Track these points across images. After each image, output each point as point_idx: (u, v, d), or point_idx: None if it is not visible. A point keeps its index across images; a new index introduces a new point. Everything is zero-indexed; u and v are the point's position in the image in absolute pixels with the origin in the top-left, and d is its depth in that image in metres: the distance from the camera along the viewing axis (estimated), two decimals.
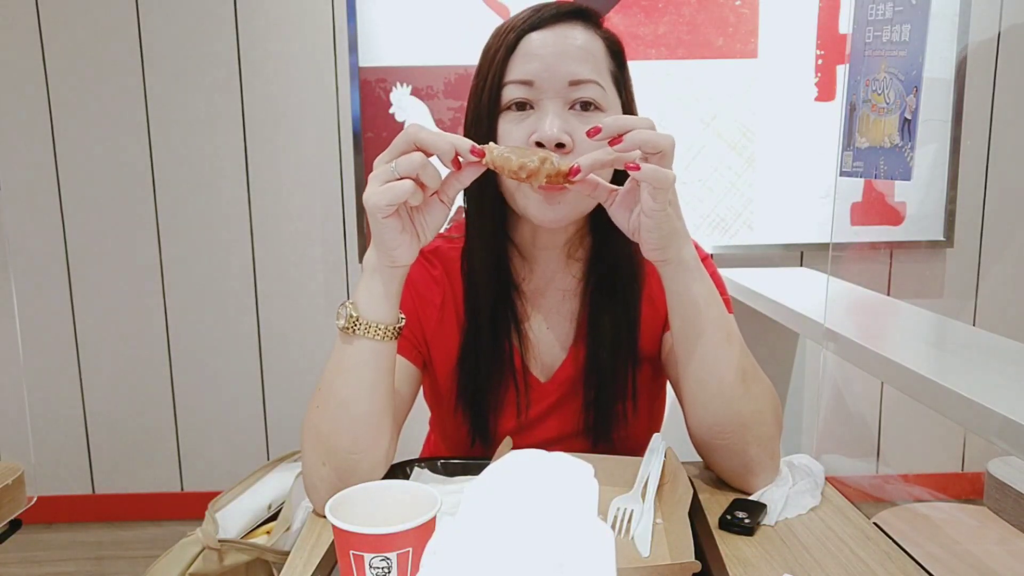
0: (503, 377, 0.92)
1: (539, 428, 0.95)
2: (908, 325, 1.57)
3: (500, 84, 0.82)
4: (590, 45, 0.82)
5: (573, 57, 0.80)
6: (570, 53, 0.80)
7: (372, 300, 0.77)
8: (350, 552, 0.57)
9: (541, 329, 0.94)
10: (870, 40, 1.22)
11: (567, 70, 0.80)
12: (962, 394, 0.98)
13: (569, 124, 0.80)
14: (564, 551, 0.54)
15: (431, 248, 0.96)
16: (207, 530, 0.96)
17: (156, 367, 2.37)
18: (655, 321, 0.93)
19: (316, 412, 0.82)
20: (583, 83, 0.80)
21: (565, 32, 0.81)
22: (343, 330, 0.78)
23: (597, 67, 0.82)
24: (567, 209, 0.82)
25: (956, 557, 1.14)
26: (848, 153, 1.32)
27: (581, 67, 0.80)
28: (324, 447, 0.80)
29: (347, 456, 0.79)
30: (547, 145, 0.79)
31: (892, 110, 1.20)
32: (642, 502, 0.78)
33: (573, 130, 0.80)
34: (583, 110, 0.81)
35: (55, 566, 2.17)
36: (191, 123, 2.26)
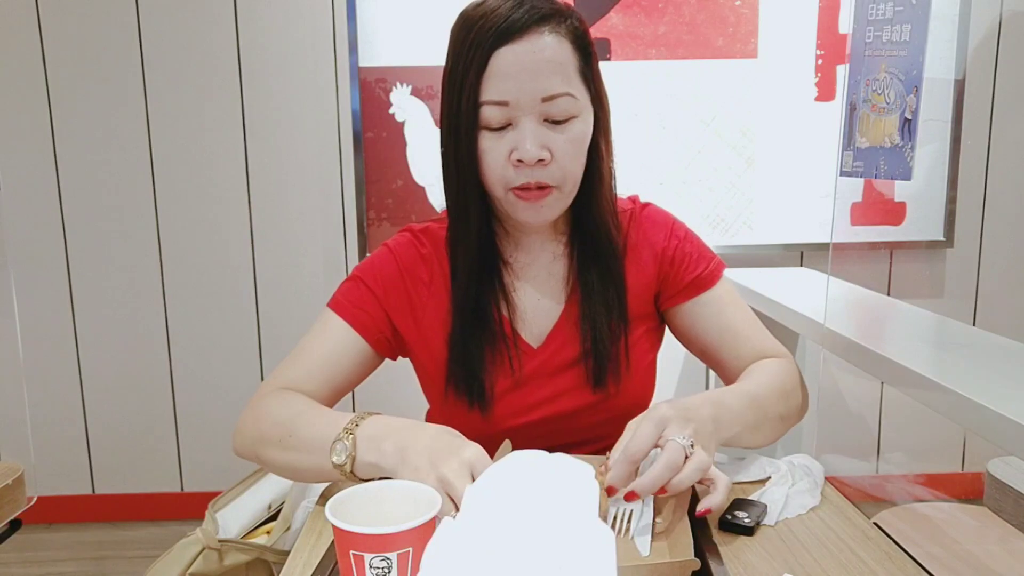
0: (494, 342, 0.94)
1: (536, 386, 0.96)
2: (908, 325, 1.57)
3: (476, 104, 0.84)
4: (558, 54, 0.83)
5: (544, 72, 0.82)
6: (540, 69, 0.82)
7: (372, 462, 0.77)
8: (350, 552, 0.57)
9: (531, 298, 0.97)
10: (870, 40, 1.22)
11: (539, 87, 0.82)
12: (962, 394, 0.98)
13: (546, 138, 0.84)
14: (564, 552, 0.54)
15: (421, 227, 1.00)
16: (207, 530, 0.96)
17: (156, 367, 2.37)
18: (643, 284, 0.98)
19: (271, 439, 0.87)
20: (555, 97, 0.83)
21: (533, 44, 0.82)
22: (337, 466, 0.78)
23: (567, 75, 0.84)
24: (550, 211, 0.89)
25: (956, 557, 1.14)
26: (848, 153, 1.32)
27: (551, 81, 0.82)
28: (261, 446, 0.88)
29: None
30: (528, 163, 0.84)
31: (892, 110, 1.20)
32: (641, 502, 0.78)
33: (550, 143, 0.84)
34: (557, 123, 0.85)
35: (55, 566, 2.17)
36: (191, 123, 2.26)
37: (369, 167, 2.24)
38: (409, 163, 2.24)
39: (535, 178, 0.85)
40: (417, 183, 2.25)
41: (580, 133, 0.86)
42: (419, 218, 2.26)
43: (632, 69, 2.19)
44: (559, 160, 0.85)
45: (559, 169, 0.86)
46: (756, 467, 0.91)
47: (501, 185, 0.87)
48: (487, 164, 0.87)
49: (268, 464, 0.88)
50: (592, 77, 0.88)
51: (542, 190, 0.86)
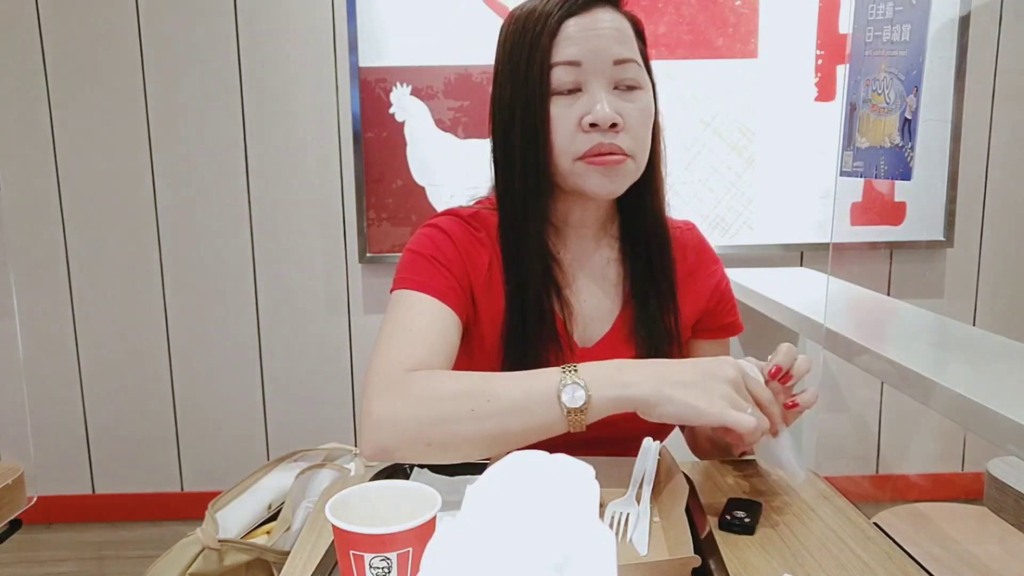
0: (548, 341, 0.90)
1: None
2: (908, 325, 1.57)
3: (548, 66, 0.84)
4: (623, 26, 0.86)
5: (613, 39, 0.84)
6: (610, 35, 0.84)
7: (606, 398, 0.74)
8: (350, 552, 0.57)
9: (585, 300, 0.94)
10: (870, 40, 1.22)
11: (611, 50, 0.83)
12: (962, 394, 0.98)
13: (618, 105, 0.84)
14: (565, 552, 0.54)
15: (470, 213, 0.95)
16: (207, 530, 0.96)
17: (156, 367, 2.37)
18: (694, 308, 0.98)
19: (466, 409, 0.75)
20: (626, 62, 0.84)
21: (600, 16, 0.84)
22: (572, 411, 0.74)
23: (632, 47, 0.86)
24: (623, 181, 0.87)
25: (956, 557, 1.14)
26: (848, 153, 1.32)
27: (622, 47, 0.84)
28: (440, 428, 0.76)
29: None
30: (602, 126, 0.83)
31: (892, 110, 1.20)
32: (637, 505, 0.78)
33: (622, 110, 0.84)
34: (628, 90, 0.85)
35: (55, 566, 2.17)
36: (191, 123, 2.26)
37: (369, 167, 2.24)
38: (409, 163, 2.24)
39: (609, 141, 0.83)
40: (417, 183, 2.25)
41: (647, 105, 0.87)
42: (419, 218, 2.26)
43: None
44: (630, 128, 0.84)
45: (630, 137, 0.85)
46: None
47: (570, 155, 0.85)
48: (557, 131, 0.85)
49: (455, 444, 0.75)
50: (648, 64, 0.90)
51: (619, 155, 0.84)
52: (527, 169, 0.86)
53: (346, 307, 2.35)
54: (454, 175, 2.25)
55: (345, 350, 2.35)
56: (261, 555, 0.96)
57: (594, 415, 0.74)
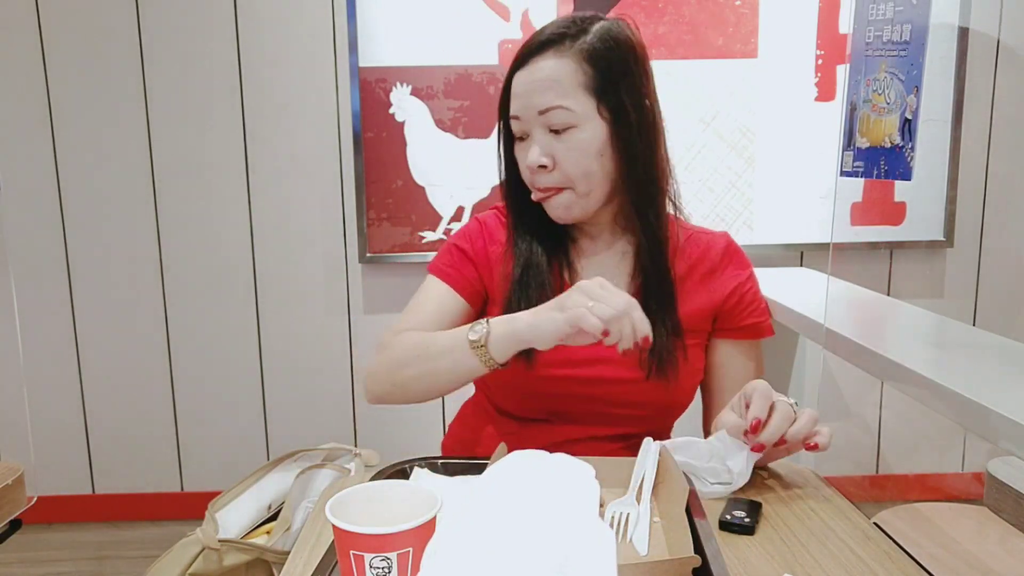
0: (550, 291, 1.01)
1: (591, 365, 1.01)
2: (908, 325, 1.57)
3: (507, 119, 1.00)
4: (555, 73, 0.94)
5: (539, 89, 0.94)
6: (539, 86, 0.95)
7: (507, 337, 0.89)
8: (350, 552, 0.57)
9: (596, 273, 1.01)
10: (870, 40, 1.22)
11: (535, 103, 0.95)
12: (962, 394, 0.98)
13: (550, 147, 0.96)
14: (565, 551, 0.54)
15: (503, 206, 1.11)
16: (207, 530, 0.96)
17: (156, 367, 2.37)
18: (710, 304, 1.05)
19: (402, 360, 0.96)
20: (550, 110, 0.94)
21: (536, 67, 0.95)
22: (472, 343, 0.89)
23: (562, 91, 0.94)
24: (568, 210, 0.99)
25: (956, 557, 1.14)
26: (848, 153, 1.32)
27: (545, 97, 0.94)
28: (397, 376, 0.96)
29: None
30: (531, 168, 0.97)
31: (892, 110, 1.20)
32: (637, 505, 0.78)
33: (553, 150, 0.96)
34: (557, 132, 0.96)
35: (55, 566, 2.17)
36: (191, 123, 2.26)
37: (369, 167, 2.24)
38: (409, 163, 2.24)
39: (540, 183, 0.98)
40: (417, 183, 2.25)
41: (579, 141, 0.95)
42: (419, 218, 2.26)
43: None
44: (561, 165, 0.96)
45: (561, 173, 0.96)
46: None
47: (531, 187, 1.00)
48: (521, 170, 1.01)
49: (406, 383, 0.95)
50: (608, 89, 0.95)
51: (553, 190, 0.98)
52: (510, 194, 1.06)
53: (346, 307, 2.35)
54: (454, 175, 2.25)
55: (345, 350, 2.35)
56: (261, 555, 0.96)
57: (495, 348, 0.88)
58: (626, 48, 0.96)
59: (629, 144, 0.96)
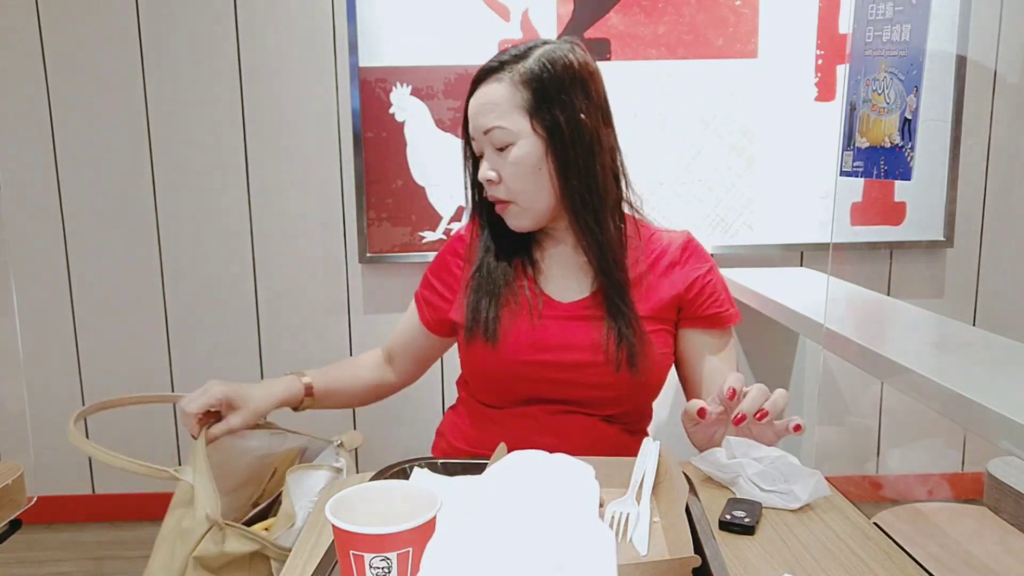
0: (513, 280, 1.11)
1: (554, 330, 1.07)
2: (908, 325, 1.57)
3: (469, 139, 1.11)
4: (494, 96, 1.04)
5: (482, 112, 1.05)
6: (481, 109, 1.05)
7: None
8: (350, 552, 0.57)
9: (559, 270, 1.12)
10: (870, 40, 1.22)
11: (480, 124, 1.05)
12: (962, 394, 0.98)
13: (496, 163, 1.06)
14: (565, 551, 0.54)
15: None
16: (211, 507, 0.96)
17: (156, 367, 2.37)
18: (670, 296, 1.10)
19: None
20: (490, 130, 1.04)
21: (481, 92, 1.06)
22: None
23: (501, 112, 1.03)
24: (518, 220, 1.08)
25: (956, 557, 1.14)
26: (848, 153, 1.32)
27: (486, 118, 1.04)
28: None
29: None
30: (484, 183, 1.07)
31: (892, 110, 1.20)
32: (637, 504, 0.78)
33: (498, 167, 1.06)
34: (500, 150, 1.05)
35: (55, 566, 2.17)
36: (191, 123, 2.26)
37: (369, 167, 2.24)
38: (409, 163, 2.24)
39: (491, 194, 1.08)
40: (417, 183, 2.25)
41: (516, 157, 1.04)
42: (419, 218, 2.26)
43: (632, 69, 2.19)
44: (505, 180, 1.06)
45: (505, 187, 1.06)
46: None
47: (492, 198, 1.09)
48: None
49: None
50: (542, 108, 1.02)
51: (502, 203, 1.08)
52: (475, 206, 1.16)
53: (346, 307, 2.35)
54: (454, 175, 2.25)
55: (345, 350, 2.35)
56: (263, 549, 0.96)
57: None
58: (561, 69, 1.02)
59: (563, 158, 1.03)
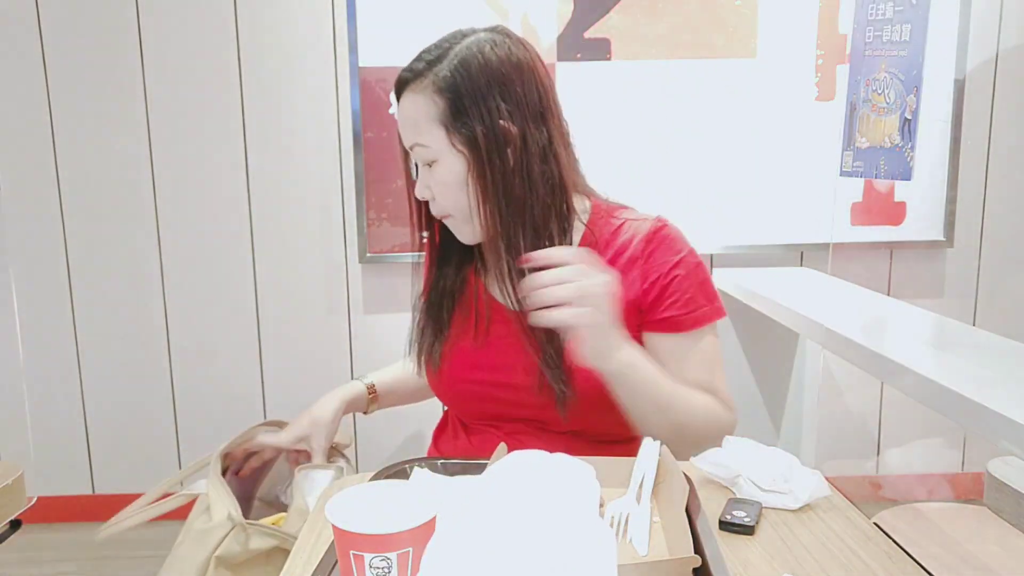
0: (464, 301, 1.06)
1: (491, 371, 1.02)
2: (908, 325, 1.57)
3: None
4: (411, 112, 0.96)
5: (404, 126, 0.98)
6: (403, 123, 0.98)
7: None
8: (350, 552, 0.57)
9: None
10: (870, 40, 1.22)
11: (405, 140, 0.99)
12: (962, 394, 0.98)
13: (427, 179, 0.98)
14: (565, 551, 0.54)
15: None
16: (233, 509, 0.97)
17: (156, 367, 2.37)
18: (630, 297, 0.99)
19: None
20: (413, 147, 0.97)
21: (402, 103, 0.98)
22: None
23: (418, 128, 0.95)
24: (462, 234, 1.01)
25: (956, 557, 1.14)
26: (848, 153, 1.32)
27: (408, 134, 0.98)
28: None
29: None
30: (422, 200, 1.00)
31: (892, 110, 1.20)
32: (637, 504, 0.78)
33: (429, 183, 0.98)
34: (428, 166, 0.97)
35: (55, 566, 2.17)
36: (191, 123, 2.26)
37: (369, 167, 2.24)
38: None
39: (434, 210, 1.01)
40: None
41: (442, 174, 0.96)
42: None
43: (632, 69, 2.19)
44: (436, 197, 0.98)
45: (438, 205, 0.99)
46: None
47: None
48: None
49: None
50: (456, 119, 0.93)
51: (443, 216, 1.00)
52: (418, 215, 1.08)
53: (346, 307, 2.35)
54: None
55: (345, 350, 2.35)
56: (282, 543, 0.96)
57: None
58: (477, 72, 0.93)
59: (482, 177, 0.94)
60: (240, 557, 0.93)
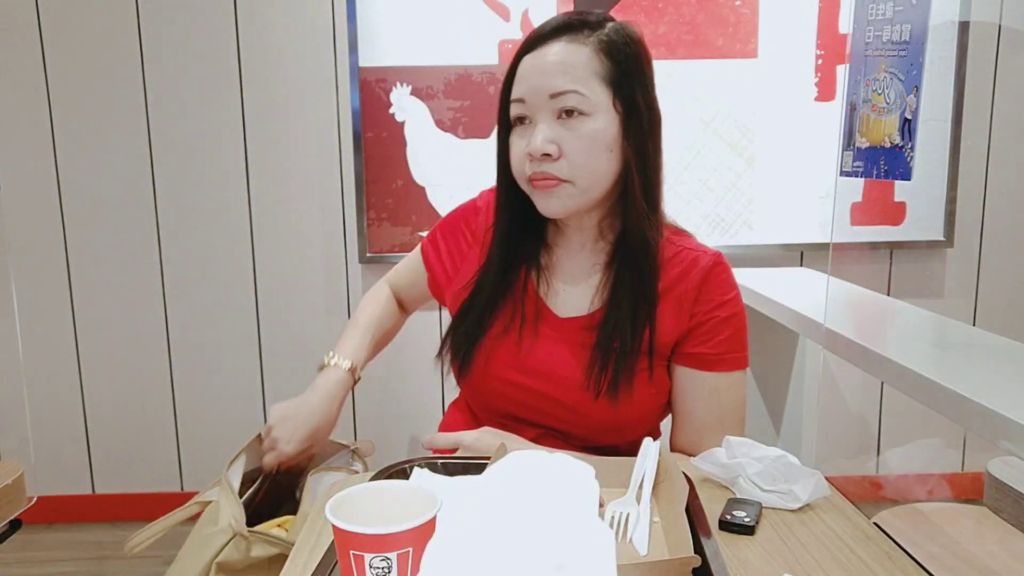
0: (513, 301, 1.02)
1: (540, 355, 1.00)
2: (908, 325, 1.57)
3: (507, 102, 0.96)
4: (571, 57, 0.91)
5: (551, 73, 0.91)
6: (552, 69, 0.91)
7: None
8: (350, 552, 0.57)
9: (565, 282, 1.03)
10: (870, 40, 1.22)
11: (546, 85, 0.91)
12: (962, 394, 0.98)
13: (558, 135, 0.92)
14: (565, 551, 0.54)
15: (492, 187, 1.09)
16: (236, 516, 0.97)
17: (156, 367, 2.37)
18: (674, 328, 0.98)
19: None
20: (563, 94, 0.91)
21: (547, 51, 0.92)
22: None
23: (576, 76, 0.91)
24: (563, 203, 0.94)
25: (956, 557, 1.14)
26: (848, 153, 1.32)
27: (561, 79, 0.90)
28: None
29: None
30: (535, 155, 0.92)
31: (892, 110, 1.20)
32: (637, 505, 0.78)
33: (561, 139, 0.91)
34: (568, 117, 0.91)
35: (55, 566, 2.17)
36: (191, 123, 2.26)
37: (369, 167, 2.24)
38: (409, 163, 2.24)
39: (543, 170, 0.92)
40: (417, 183, 2.25)
41: (591, 131, 0.91)
42: (419, 218, 2.26)
43: None
44: (569, 155, 0.91)
45: (568, 164, 0.92)
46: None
47: (522, 178, 0.96)
48: (512, 157, 0.96)
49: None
50: (624, 83, 0.93)
51: (552, 180, 0.93)
52: (499, 185, 1.02)
53: (346, 307, 2.35)
54: (454, 175, 2.25)
55: None
56: (285, 551, 0.96)
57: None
58: (639, 47, 0.95)
59: (640, 142, 0.93)
60: (240, 564, 0.93)
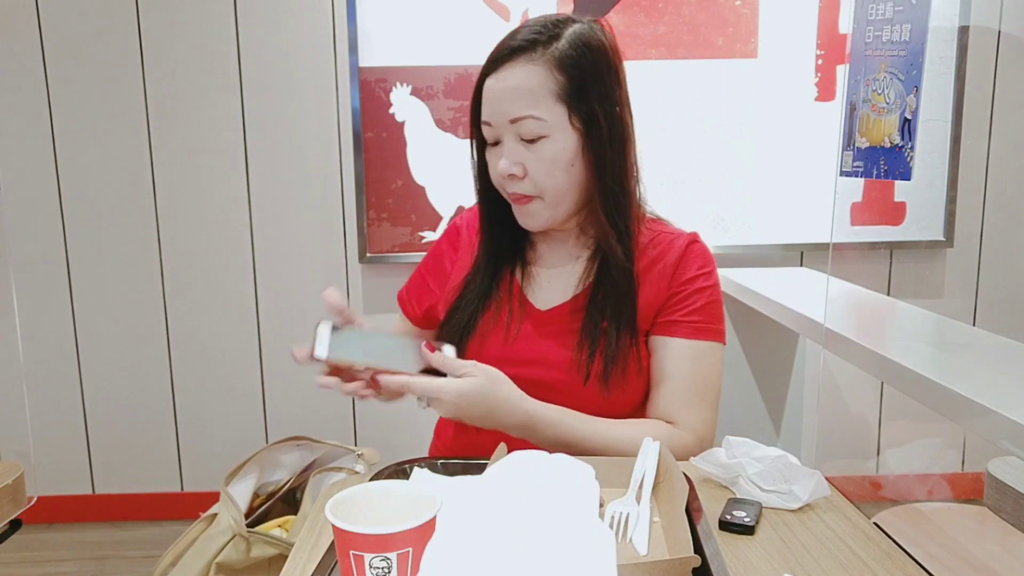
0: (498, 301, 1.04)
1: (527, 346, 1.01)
2: (908, 325, 1.57)
3: (479, 123, 0.99)
4: (526, 81, 0.92)
5: (508, 99, 0.93)
6: (509, 95, 0.93)
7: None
8: (350, 552, 0.57)
9: (547, 275, 1.05)
10: (870, 40, 1.22)
11: (506, 111, 0.93)
12: (962, 394, 0.98)
13: (521, 155, 0.95)
14: (565, 552, 0.54)
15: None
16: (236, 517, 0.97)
17: (156, 367, 2.37)
18: (654, 304, 1.01)
19: None
20: (519, 120, 0.93)
21: (504, 75, 0.93)
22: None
23: (534, 100, 0.92)
24: (537, 218, 0.99)
25: (956, 557, 1.14)
26: (848, 153, 1.32)
27: (515, 106, 0.93)
28: None
29: None
30: (502, 176, 0.96)
31: (892, 110, 1.20)
32: (637, 505, 0.78)
33: (524, 159, 0.95)
34: (529, 141, 0.94)
35: (55, 566, 2.17)
36: (191, 123, 2.26)
37: (369, 167, 2.24)
38: (409, 163, 2.24)
39: (511, 189, 0.97)
40: (417, 183, 2.25)
41: (550, 152, 0.94)
42: (419, 218, 2.26)
43: (632, 69, 2.18)
44: (532, 175, 0.95)
45: (532, 183, 0.95)
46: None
47: (503, 192, 1.00)
48: (491, 174, 1.00)
49: None
50: (580, 97, 0.93)
51: (524, 198, 0.97)
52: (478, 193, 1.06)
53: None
54: (454, 175, 2.25)
55: None
56: (286, 551, 0.96)
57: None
58: (598, 53, 0.94)
59: (600, 154, 0.95)
60: (240, 564, 0.93)
